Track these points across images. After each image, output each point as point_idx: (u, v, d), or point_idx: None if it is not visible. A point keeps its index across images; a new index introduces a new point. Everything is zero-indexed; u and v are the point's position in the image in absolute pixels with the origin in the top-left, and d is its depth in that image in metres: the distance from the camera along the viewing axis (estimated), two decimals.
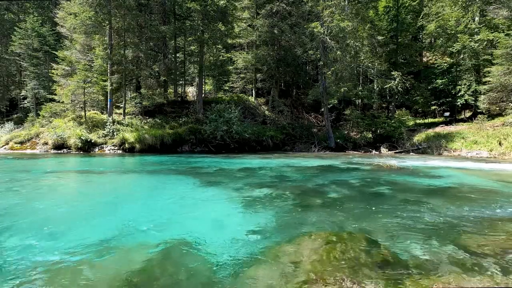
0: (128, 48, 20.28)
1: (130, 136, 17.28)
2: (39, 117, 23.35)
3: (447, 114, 24.12)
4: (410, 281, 2.73)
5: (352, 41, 19.66)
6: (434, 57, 29.12)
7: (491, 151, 15.89)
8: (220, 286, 2.70)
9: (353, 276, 2.82)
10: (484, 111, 20.69)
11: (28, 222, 4.43)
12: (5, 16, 34.05)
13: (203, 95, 24.24)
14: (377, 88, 24.89)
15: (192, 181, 8.11)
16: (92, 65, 19.71)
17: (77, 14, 19.06)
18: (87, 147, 17.08)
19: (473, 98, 21.53)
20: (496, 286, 2.65)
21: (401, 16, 24.52)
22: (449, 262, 3.11)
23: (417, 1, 25.89)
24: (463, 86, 22.05)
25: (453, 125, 21.95)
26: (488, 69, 19.38)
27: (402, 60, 25.32)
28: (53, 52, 24.60)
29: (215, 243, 3.66)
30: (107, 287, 2.67)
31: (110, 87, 19.16)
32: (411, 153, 18.49)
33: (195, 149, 19.09)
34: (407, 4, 25.08)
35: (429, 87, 24.18)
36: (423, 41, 30.90)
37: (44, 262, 3.12)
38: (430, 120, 26.21)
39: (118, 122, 19.02)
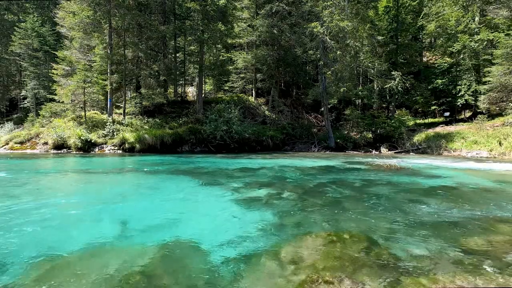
0: (128, 48, 20.28)
1: (130, 136, 17.28)
2: (39, 117, 23.38)
3: (447, 114, 24.13)
4: (410, 281, 2.73)
5: (352, 41, 19.65)
6: (434, 57, 29.14)
7: (491, 151, 15.89)
8: (219, 286, 2.70)
9: (353, 276, 2.82)
10: (484, 111, 20.69)
11: (25, 221, 4.42)
12: (5, 16, 34.04)
13: (203, 95, 24.24)
14: (377, 88, 24.90)
15: (192, 181, 8.11)
16: (92, 65, 19.72)
17: (76, 13, 19.07)
18: (87, 147, 17.08)
19: (473, 98, 21.53)
20: (496, 286, 2.64)
21: (401, 16, 24.52)
22: (449, 262, 3.11)
23: (417, 1, 25.89)
24: (463, 86, 22.04)
25: (453, 125, 21.95)
26: (488, 69, 19.39)
27: (402, 60, 25.33)
28: (53, 52, 24.62)
29: (214, 243, 3.65)
30: (106, 286, 2.66)
31: (110, 87, 19.16)
32: (411, 153, 18.50)
33: (195, 149, 19.09)
34: (407, 4, 25.08)
35: (429, 87, 24.18)
36: (423, 41, 30.90)
37: (42, 261, 3.12)
38: (430, 120, 26.21)
39: (118, 122, 19.02)
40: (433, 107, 25.07)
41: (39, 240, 3.74)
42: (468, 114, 24.20)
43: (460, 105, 23.22)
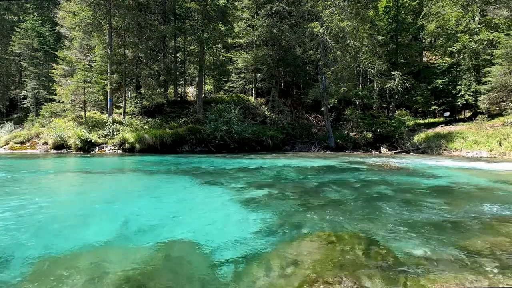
0: (128, 48, 20.28)
1: (130, 136, 17.28)
2: (39, 117, 23.37)
3: (447, 114, 24.13)
4: (410, 281, 2.73)
5: (352, 41, 19.65)
6: (434, 57, 29.14)
7: (491, 151, 15.89)
8: (220, 286, 2.70)
9: (353, 276, 2.82)
10: (484, 111, 20.69)
11: (26, 222, 4.42)
12: (5, 16, 34.04)
13: (203, 95, 24.24)
14: (377, 88, 24.90)
15: (192, 181, 8.10)
16: (92, 65, 19.72)
17: (76, 13, 19.07)
18: (87, 147, 17.08)
19: (473, 98, 21.53)
20: (496, 286, 2.64)
21: (401, 16, 24.52)
22: (449, 262, 3.11)
23: (417, 1, 25.89)
24: (463, 86, 22.04)
25: (453, 125, 21.94)
26: (488, 69, 19.38)
27: (402, 60, 25.32)
28: (53, 52, 24.62)
29: (215, 243, 3.65)
30: (107, 286, 2.66)
31: (110, 87, 19.16)
32: (411, 153, 18.49)
33: (195, 149, 19.09)
34: (407, 4, 25.08)
35: (429, 87, 24.18)
36: (423, 41, 30.90)
37: (42, 261, 3.12)
38: (430, 120, 26.21)
39: (118, 122, 19.02)
40: (433, 107, 25.06)
41: (36, 239, 3.74)
42: (468, 114, 24.20)
43: (460, 105, 23.20)
